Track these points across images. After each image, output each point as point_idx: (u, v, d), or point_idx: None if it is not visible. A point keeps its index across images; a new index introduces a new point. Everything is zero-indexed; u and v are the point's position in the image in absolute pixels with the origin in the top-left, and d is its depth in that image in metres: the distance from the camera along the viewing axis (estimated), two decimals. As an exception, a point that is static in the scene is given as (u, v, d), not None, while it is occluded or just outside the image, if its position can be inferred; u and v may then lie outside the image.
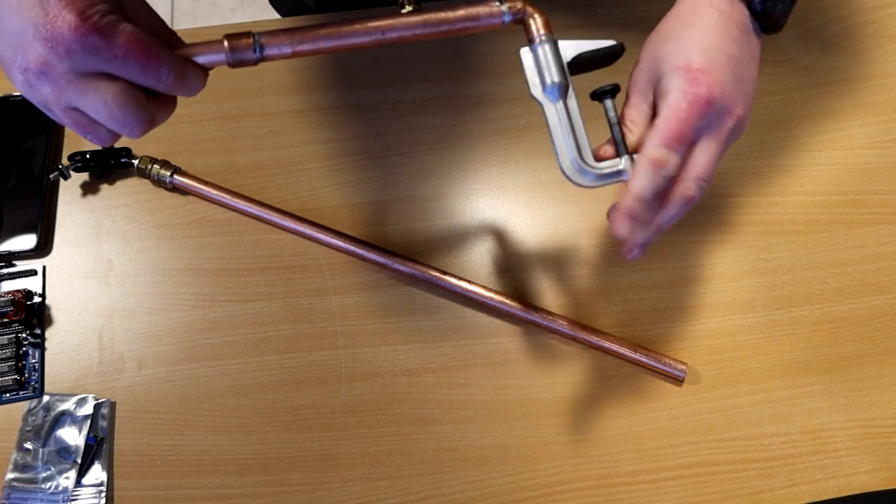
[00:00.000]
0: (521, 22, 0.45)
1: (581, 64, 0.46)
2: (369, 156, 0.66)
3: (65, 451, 0.56)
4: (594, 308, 0.60)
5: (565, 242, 0.63)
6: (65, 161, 0.63)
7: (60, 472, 0.55)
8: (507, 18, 0.45)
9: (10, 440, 0.56)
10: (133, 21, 0.38)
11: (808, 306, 0.60)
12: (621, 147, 0.47)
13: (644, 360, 0.57)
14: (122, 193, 0.64)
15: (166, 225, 0.63)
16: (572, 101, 0.46)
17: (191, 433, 0.57)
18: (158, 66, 0.38)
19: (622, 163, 0.47)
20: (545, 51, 0.45)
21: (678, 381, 0.58)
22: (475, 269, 0.62)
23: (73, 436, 0.56)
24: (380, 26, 0.45)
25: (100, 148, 0.63)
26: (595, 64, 0.47)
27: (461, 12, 0.45)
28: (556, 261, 0.62)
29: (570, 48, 0.46)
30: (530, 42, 0.45)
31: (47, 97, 0.38)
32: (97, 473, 0.55)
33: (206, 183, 0.63)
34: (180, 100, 0.42)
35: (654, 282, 0.61)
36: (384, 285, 0.61)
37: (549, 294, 0.61)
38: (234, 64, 0.42)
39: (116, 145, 0.64)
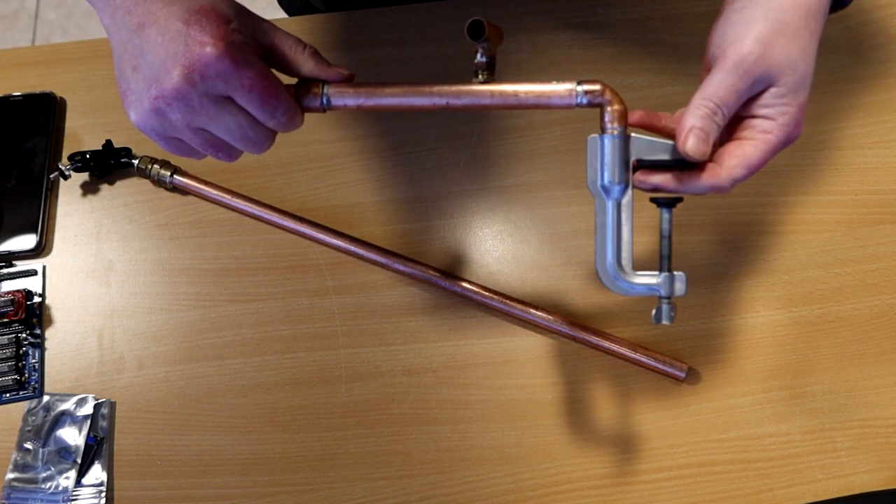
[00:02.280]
0: (596, 106, 0.43)
1: (646, 164, 0.44)
2: (369, 156, 0.66)
3: (65, 451, 0.56)
4: (594, 308, 0.60)
5: (565, 242, 0.63)
6: (65, 161, 0.63)
7: (60, 472, 0.55)
8: (581, 101, 0.43)
9: (10, 440, 0.56)
10: (267, 42, 0.43)
11: (808, 306, 0.60)
12: (665, 262, 0.45)
13: (644, 360, 0.57)
14: (122, 193, 0.64)
15: (166, 225, 0.63)
16: (626, 200, 0.44)
17: (191, 433, 0.57)
18: (276, 104, 0.42)
19: (660, 279, 0.45)
20: (614, 145, 0.43)
21: (678, 381, 0.58)
22: (475, 269, 0.62)
23: (73, 436, 0.56)
24: (449, 92, 0.44)
25: (99, 148, 0.63)
26: (662, 166, 0.45)
27: (535, 90, 0.44)
28: (556, 261, 0.62)
29: (642, 147, 0.44)
30: (601, 130, 0.43)
31: (176, 122, 0.41)
32: (97, 473, 0.55)
33: (206, 183, 0.63)
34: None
35: (654, 282, 0.61)
36: (384, 285, 0.61)
37: (549, 294, 0.61)
38: (303, 110, 0.45)
39: (116, 145, 0.64)
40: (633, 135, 0.44)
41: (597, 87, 0.43)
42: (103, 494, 0.55)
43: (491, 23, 0.42)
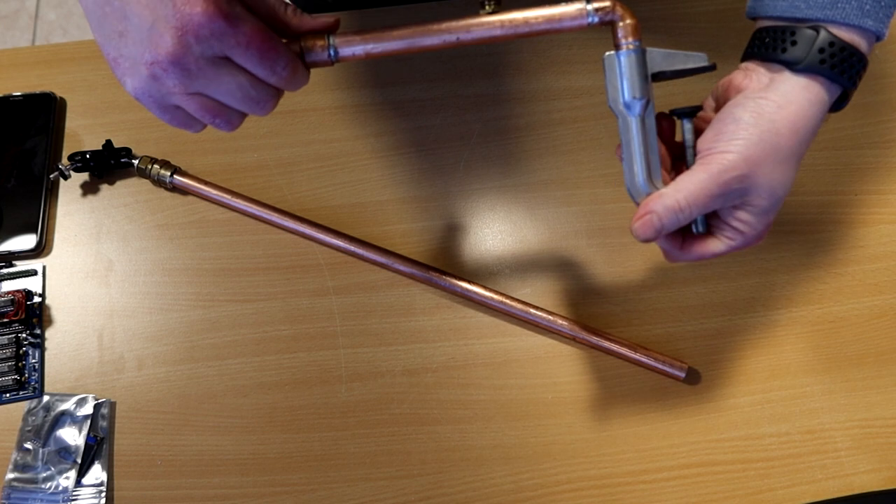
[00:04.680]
0: (608, 24, 0.42)
1: (666, 75, 0.44)
2: (369, 156, 0.66)
3: (65, 451, 0.56)
4: (594, 308, 0.60)
5: (565, 242, 0.63)
6: (65, 161, 0.63)
7: (60, 472, 0.55)
8: (593, 20, 0.42)
9: (10, 440, 0.56)
10: (254, 7, 0.40)
11: (808, 306, 0.60)
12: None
13: (644, 360, 0.57)
14: (122, 193, 0.64)
15: (166, 225, 0.63)
16: (650, 118, 0.43)
17: (191, 433, 0.57)
18: (276, 57, 0.40)
19: None
20: (631, 61, 0.42)
21: (678, 381, 0.58)
22: (475, 269, 0.62)
23: (73, 436, 0.56)
24: (457, 27, 0.43)
25: (99, 148, 0.63)
26: (680, 76, 0.45)
27: (544, 13, 0.42)
28: (556, 261, 0.62)
29: (658, 59, 0.43)
30: (616, 47, 0.42)
31: (172, 88, 0.39)
32: (97, 473, 0.55)
33: (206, 183, 0.63)
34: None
35: (654, 282, 0.61)
36: (384, 285, 0.61)
37: (549, 294, 0.61)
38: (310, 65, 0.43)
39: (116, 145, 0.64)
40: (648, 48, 0.43)
41: (606, 3, 0.42)
42: (103, 494, 0.55)
43: None
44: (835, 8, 0.42)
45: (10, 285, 0.60)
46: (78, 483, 0.55)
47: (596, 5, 0.42)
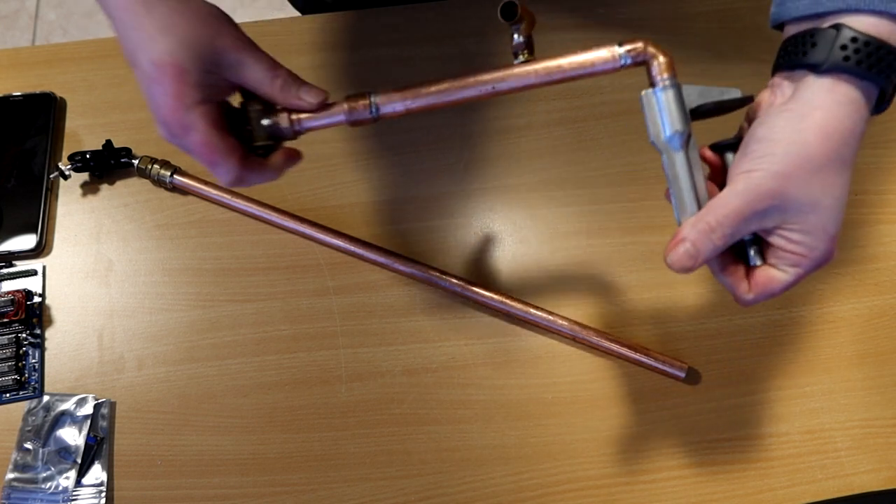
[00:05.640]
0: (642, 64, 0.43)
1: (704, 111, 0.44)
2: (369, 156, 0.66)
3: (65, 451, 0.56)
4: (594, 308, 0.60)
5: (565, 242, 0.63)
6: (65, 161, 0.63)
7: (60, 472, 0.55)
8: (626, 61, 0.43)
9: (10, 440, 0.56)
10: (237, 79, 0.45)
11: (808, 306, 0.60)
12: None
13: (644, 360, 0.57)
14: (122, 193, 0.64)
15: (166, 225, 0.63)
16: (694, 152, 0.43)
17: (191, 433, 0.57)
18: (217, 166, 0.45)
19: None
20: (669, 96, 0.42)
21: (678, 381, 0.58)
22: (475, 269, 0.62)
23: (73, 436, 0.56)
24: (492, 79, 0.44)
25: (99, 148, 0.63)
26: (718, 112, 0.44)
27: (576, 60, 0.43)
28: (556, 261, 0.62)
29: (695, 94, 0.43)
30: (652, 85, 0.43)
31: (170, 140, 0.45)
32: (97, 473, 0.55)
33: (206, 183, 0.63)
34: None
35: (654, 282, 0.61)
36: (384, 285, 0.61)
37: (549, 294, 0.61)
38: (353, 123, 0.46)
39: (116, 145, 0.64)
40: (683, 84, 0.43)
41: (638, 44, 0.43)
42: (103, 494, 0.55)
43: (524, 5, 0.42)
44: None
45: (10, 285, 0.60)
46: (78, 483, 0.55)
47: (627, 47, 0.43)
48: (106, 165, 0.63)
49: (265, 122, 0.46)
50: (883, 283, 0.61)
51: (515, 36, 0.44)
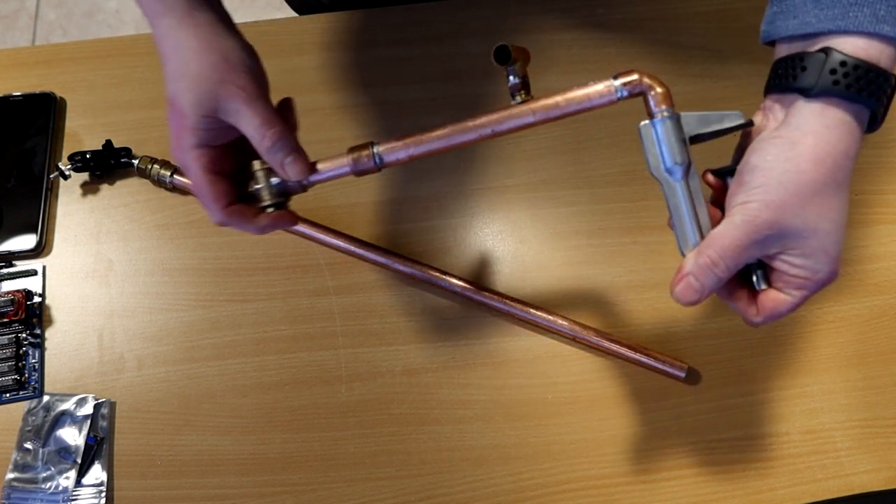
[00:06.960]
0: (639, 95, 0.43)
1: (703, 137, 0.44)
2: (369, 156, 0.66)
3: (65, 451, 0.56)
4: (594, 308, 0.60)
5: (565, 242, 0.63)
6: (65, 161, 0.63)
7: (60, 472, 0.55)
8: (622, 94, 0.43)
9: (10, 440, 0.56)
10: (233, 123, 0.45)
11: (809, 306, 0.60)
12: None
13: (644, 360, 0.57)
14: (122, 193, 0.64)
15: (166, 225, 0.63)
16: (694, 181, 0.43)
17: (191, 433, 0.57)
18: (208, 206, 0.47)
19: None
20: (667, 127, 0.42)
21: (678, 381, 0.58)
22: (475, 269, 0.62)
23: (73, 436, 0.56)
24: (491, 121, 0.45)
25: (99, 148, 0.63)
26: (717, 135, 0.44)
27: (573, 96, 0.43)
28: (556, 261, 0.62)
29: (693, 122, 0.43)
30: (650, 116, 0.43)
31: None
32: (97, 473, 0.55)
33: (206, 183, 0.63)
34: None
35: (654, 282, 0.61)
36: (384, 285, 0.61)
37: (549, 294, 0.61)
38: (358, 174, 0.48)
39: (116, 145, 0.64)
40: (682, 113, 0.43)
41: (634, 76, 0.43)
42: (103, 494, 0.55)
43: (515, 45, 0.43)
44: (846, 18, 0.40)
45: (10, 285, 0.60)
46: (78, 483, 0.55)
47: (623, 80, 0.43)
48: (106, 165, 0.63)
49: (274, 180, 0.48)
50: (883, 283, 0.61)
51: (511, 77, 0.45)
